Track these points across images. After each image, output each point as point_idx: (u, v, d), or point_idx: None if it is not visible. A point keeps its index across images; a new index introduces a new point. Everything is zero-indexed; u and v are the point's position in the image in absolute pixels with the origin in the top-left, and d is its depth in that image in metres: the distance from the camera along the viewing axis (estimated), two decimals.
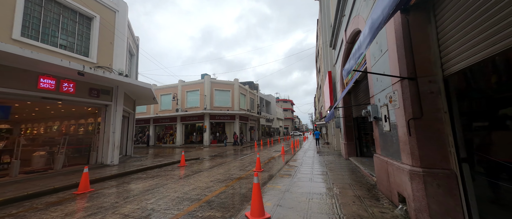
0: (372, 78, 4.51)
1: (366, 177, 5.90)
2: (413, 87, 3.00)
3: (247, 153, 14.23)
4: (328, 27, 15.28)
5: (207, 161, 10.70)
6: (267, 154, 13.33)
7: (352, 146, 9.54)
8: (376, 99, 4.35)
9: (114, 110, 9.40)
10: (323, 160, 9.56)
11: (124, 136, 12.57)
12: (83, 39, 8.62)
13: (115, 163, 9.23)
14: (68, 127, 10.86)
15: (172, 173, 7.78)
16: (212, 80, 24.38)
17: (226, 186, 5.70)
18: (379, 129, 4.28)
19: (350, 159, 8.84)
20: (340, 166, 7.87)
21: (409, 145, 3.00)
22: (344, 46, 8.02)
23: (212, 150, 17.68)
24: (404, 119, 3.08)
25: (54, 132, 10.52)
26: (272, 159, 10.90)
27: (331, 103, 13.33)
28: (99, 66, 8.83)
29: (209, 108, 23.31)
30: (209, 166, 9.06)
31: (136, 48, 13.57)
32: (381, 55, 3.89)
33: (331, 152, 12.62)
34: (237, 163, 9.74)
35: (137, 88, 10.25)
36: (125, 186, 6.04)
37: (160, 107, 25.88)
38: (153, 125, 26.05)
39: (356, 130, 9.66)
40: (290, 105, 76.27)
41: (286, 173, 6.66)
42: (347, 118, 9.81)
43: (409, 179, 2.94)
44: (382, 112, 3.98)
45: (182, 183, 6.20)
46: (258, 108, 34.13)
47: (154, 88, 26.60)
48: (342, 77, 9.69)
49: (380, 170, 4.28)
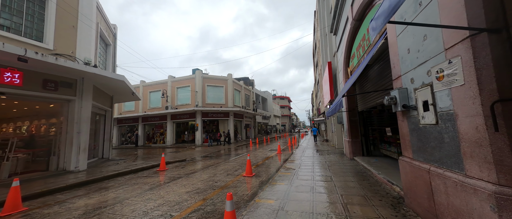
0: (398, 53, 3.23)
1: (382, 184, 4.66)
2: (499, 46, 1.71)
3: (240, 153, 12.93)
4: (327, 15, 13.97)
5: (193, 164, 9.36)
6: (262, 153, 12.05)
7: (358, 144, 8.31)
8: (405, 81, 3.07)
9: (79, 106, 7.95)
10: (324, 160, 8.32)
11: (100, 137, 11.13)
12: (35, 20, 7.12)
13: (81, 169, 7.82)
14: (28, 127, 9.36)
15: (144, 180, 6.43)
16: (204, 76, 22.91)
17: (203, 200, 4.39)
18: (411, 122, 3.02)
19: (356, 159, 7.62)
20: (345, 168, 6.63)
21: (490, 147, 1.72)
22: (350, 26, 6.73)
23: (204, 149, 16.34)
24: (477, 102, 1.81)
25: (5, 133, 8.99)
26: (267, 160, 9.62)
27: (331, 97, 12.11)
28: (57, 53, 7.36)
29: (201, 105, 21.88)
30: (193, 170, 7.73)
31: (112, 38, 12.04)
32: (421, 9, 2.58)
33: (332, 150, 11.41)
34: (226, 166, 8.43)
35: (110, 81, 8.80)
36: (74, 201, 4.68)
37: (149, 105, 24.33)
38: (142, 124, 24.50)
39: (362, 126, 8.43)
40: (287, 102, 75.11)
41: (282, 179, 5.39)
42: (351, 112, 8.56)
43: (493, 207, 1.68)
44: (419, 97, 2.70)
45: (149, 195, 4.86)
46: (254, 105, 32.80)
47: (143, 84, 25.03)
48: (345, 66, 8.42)
49: (412, 181, 3.02)
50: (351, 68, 8.01)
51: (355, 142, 8.30)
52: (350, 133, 8.42)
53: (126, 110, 25.61)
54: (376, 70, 5.80)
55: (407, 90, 3.03)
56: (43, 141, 8.01)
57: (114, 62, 12.04)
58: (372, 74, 6.25)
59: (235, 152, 13.61)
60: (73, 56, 7.90)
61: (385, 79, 4.96)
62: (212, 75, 23.56)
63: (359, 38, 6.54)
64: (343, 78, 8.65)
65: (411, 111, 2.96)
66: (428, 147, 2.63)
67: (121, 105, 25.88)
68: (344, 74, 8.59)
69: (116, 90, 10.90)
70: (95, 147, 10.95)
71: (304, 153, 10.78)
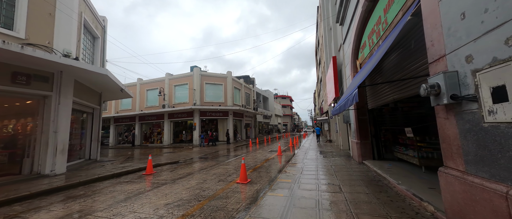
0: (441, 24, 2.33)
1: (405, 198, 3.75)
2: None
3: (238, 154, 12.08)
4: (331, 6, 13.01)
5: (184, 166, 8.53)
6: (261, 155, 11.17)
7: (367, 146, 7.39)
8: (454, 61, 2.17)
9: (56, 103, 7.15)
10: (330, 164, 7.42)
11: (87, 137, 10.36)
12: (4, 5, 6.33)
13: (58, 172, 7.04)
14: (2, 126, 8.59)
15: (123, 187, 5.60)
16: (202, 73, 22.08)
17: (182, 217, 3.54)
18: (464, 119, 2.12)
19: (366, 163, 6.70)
20: (355, 174, 5.72)
21: None
22: (361, 10, 5.80)
23: (201, 150, 15.53)
24: None
25: None
26: (266, 162, 8.75)
27: (336, 95, 11.19)
28: (30, 43, 6.56)
29: (199, 104, 21.06)
30: (182, 175, 6.88)
31: (101, 31, 11.24)
32: None
33: (337, 152, 10.49)
34: (219, 169, 7.58)
35: (93, 75, 7.99)
36: (28, 216, 3.86)
37: (146, 104, 23.60)
38: (139, 123, 23.78)
39: (372, 125, 7.51)
40: (289, 101, 74.06)
41: (280, 189, 4.51)
42: (360, 110, 7.64)
43: None
44: (484, 82, 1.81)
45: (120, 208, 4.02)
46: (255, 104, 31.92)
47: (140, 82, 24.29)
48: (353, 58, 7.49)
49: (465, 205, 2.13)
50: (360, 61, 7.09)
51: (364, 144, 7.39)
52: (359, 133, 7.50)
53: (123, 109, 24.92)
54: (393, 59, 4.88)
55: (458, 74, 2.12)
56: (18, 141, 7.23)
57: (103, 57, 11.24)
58: (386, 65, 5.33)
59: (233, 153, 12.76)
60: (50, 47, 7.10)
61: (408, 67, 4.05)
62: (211, 73, 22.73)
63: (372, 22, 5.61)
64: (351, 72, 7.73)
65: (466, 103, 2.06)
66: (503, 157, 1.73)
67: (118, 104, 25.21)
68: (352, 68, 7.67)
69: (104, 87, 10.11)
70: (82, 147, 10.18)
71: (306, 155, 9.88)
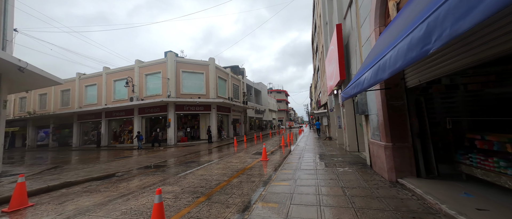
0: None
1: None
2: None
3: (209, 159, 8.85)
4: None
5: (108, 185, 5.24)
6: (238, 161, 7.97)
7: (406, 152, 4.25)
8: None
9: None
10: (339, 183, 4.27)
11: None
12: None
13: None
14: None
15: None
16: (178, 60, 18.58)
17: None
18: None
19: (407, 186, 3.57)
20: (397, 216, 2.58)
21: None
22: None
23: (176, 151, 12.25)
24: None
25: None
26: (236, 177, 5.53)
27: (341, 78, 8.10)
28: None
29: (174, 96, 17.67)
30: (76, 208, 3.62)
31: None
32: None
33: (342, 156, 7.35)
34: (150, 196, 4.34)
35: None
36: None
37: (113, 97, 20.04)
38: (106, 120, 20.24)
39: (414, 116, 4.37)
40: (285, 96, 70.97)
41: None
42: (392, 90, 4.47)
43: None
44: None
45: None
46: (245, 97, 28.63)
47: (106, 71, 20.61)
48: None
49: None
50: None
51: (400, 149, 4.25)
52: (389, 130, 4.36)
53: (87, 103, 21.30)
54: None
55: None
56: None
57: (4, 28, 7.70)
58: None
59: (202, 158, 9.53)
60: None
61: None
62: (189, 59, 19.24)
63: None
64: (375, 26, 4.53)
65: None
66: None
67: (82, 97, 21.55)
68: (375, 20, 4.46)
69: None
70: None
71: (301, 163, 6.72)
